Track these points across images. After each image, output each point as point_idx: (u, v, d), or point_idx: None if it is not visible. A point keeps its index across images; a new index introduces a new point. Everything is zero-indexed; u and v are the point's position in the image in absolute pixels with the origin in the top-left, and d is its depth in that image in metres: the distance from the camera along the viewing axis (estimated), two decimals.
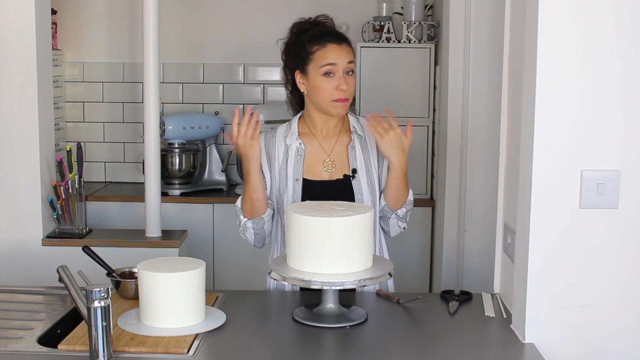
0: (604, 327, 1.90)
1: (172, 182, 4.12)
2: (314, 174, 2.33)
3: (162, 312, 1.91)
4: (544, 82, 1.83)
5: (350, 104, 2.32)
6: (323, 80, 2.27)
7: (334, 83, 2.26)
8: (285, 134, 2.37)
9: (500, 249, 2.26)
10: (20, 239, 3.20)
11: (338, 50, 2.28)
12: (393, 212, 2.33)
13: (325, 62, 2.26)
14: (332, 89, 2.26)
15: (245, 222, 2.30)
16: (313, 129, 2.36)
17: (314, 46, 2.28)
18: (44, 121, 3.23)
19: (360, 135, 2.38)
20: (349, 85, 2.27)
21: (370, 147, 2.37)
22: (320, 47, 2.28)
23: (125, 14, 4.35)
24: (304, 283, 1.93)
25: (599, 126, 1.84)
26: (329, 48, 2.27)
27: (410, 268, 3.95)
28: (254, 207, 2.27)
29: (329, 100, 2.27)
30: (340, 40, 2.30)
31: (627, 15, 1.81)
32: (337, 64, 2.26)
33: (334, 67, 2.26)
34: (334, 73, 2.26)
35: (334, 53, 2.27)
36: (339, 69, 2.26)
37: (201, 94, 4.43)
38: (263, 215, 2.29)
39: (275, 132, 2.39)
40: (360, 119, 2.42)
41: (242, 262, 3.85)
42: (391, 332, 2.01)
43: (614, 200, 1.86)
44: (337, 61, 2.26)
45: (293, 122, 2.39)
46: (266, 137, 2.38)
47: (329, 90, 2.26)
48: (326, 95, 2.27)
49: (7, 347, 1.84)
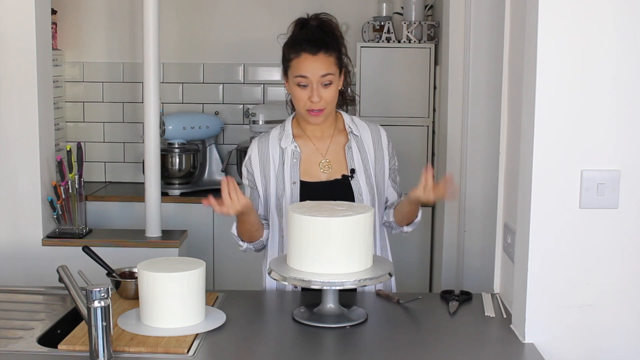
0: (604, 327, 1.90)
1: (172, 182, 4.12)
2: (311, 175, 2.33)
3: (162, 312, 1.91)
4: (544, 82, 1.83)
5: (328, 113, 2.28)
6: (297, 89, 2.24)
7: (307, 94, 2.23)
8: (279, 137, 2.35)
9: (500, 249, 2.26)
10: (20, 239, 3.20)
11: (311, 62, 2.21)
12: (400, 228, 2.37)
13: (297, 73, 2.23)
14: (305, 99, 2.24)
15: (247, 247, 2.34)
16: (307, 130, 2.36)
17: (291, 53, 2.25)
18: (44, 121, 3.23)
19: (356, 135, 2.37)
20: (322, 97, 2.22)
21: (366, 146, 2.36)
22: (296, 56, 2.23)
23: (125, 14, 4.35)
24: (304, 283, 1.93)
25: (599, 126, 1.84)
26: (302, 58, 2.22)
27: (410, 268, 3.95)
28: (252, 235, 2.30)
29: (303, 110, 2.26)
30: (316, 50, 2.22)
31: (627, 15, 1.81)
32: (309, 77, 2.21)
33: (306, 80, 2.22)
34: (306, 84, 2.23)
35: (305, 65, 2.21)
36: (312, 81, 2.22)
37: (201, 94, 4.43)
38: (262, 238, 2.32)
39: (268, 136, 2.37)
40: (355, 118, 2.41)
41: (242, 262, 3.82)
42: (391, 332, 2.01)
43: (614, 200, 1.86)
44: (308, 74, 2.21)
45: (287, 123, 2.38)
46: (260, 142, 2.37)
47: (302, 100, 2.24)
48: (300, 104, 2.26)
49: (7, 347, 1.84)
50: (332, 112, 2.33)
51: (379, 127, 2.42)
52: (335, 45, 2.27)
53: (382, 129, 2.42)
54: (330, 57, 2.24)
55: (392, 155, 2.41)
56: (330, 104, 2.27)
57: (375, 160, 2.36)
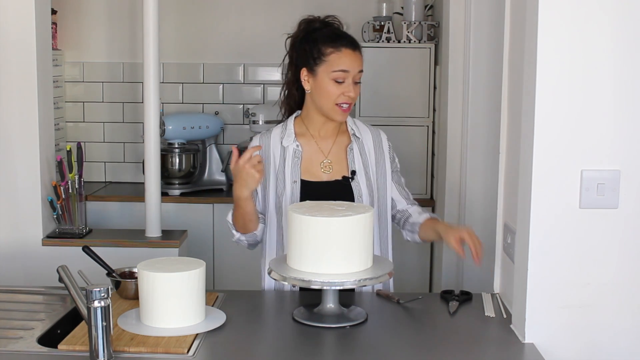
0: (604, 327, 1.90)
1: (172, 182, 4.12)
2: (312, 175, 2.33)
3: (162, 312, 1.91)
4: (544, 82, 1.83)
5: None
6: (331, 84, 2.24)
7: (342, 89, 2.24)
8: (281, 135, 2.35)
9: (500, 249, 2.26)
10: (20, 239, 3.20)
11: (352, 58, 2.25)
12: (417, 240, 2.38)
13: (338, 67, 2.23)
14: (339, 93, 2.24)
15: (239, 237, 2.33)
16: (311, 129, 2.36)
17: (328, 48, 2.25)
18: (44, 121, 3.23)
19: (358, 137, 2.37)
20: (355, 93, 2.26)
21: (367, 149, 2.37)
22: (335, 51, 2.24)
23: (125, 14, 4.35)
24: (304, 283, 1.93)
25: (599, 126, 1.84)
26: (344, 53, 2.24)
27: (410, 268, 3.95)
28: (246, 226, 2.29)
29: (333, 104, 2.26)
30: (355, 47, 2.27)
31: (627, 16, 1.81)
32: (350, 72, 2.24)
33: (346, 75, 2.24)
34: (344, 80, 2.24)
35: (348, 60, 2.24)
36: (350, 77, 2.24)
37: (201, 94, 4.43)
38: (255, 231, 2.31)
39: (270, 134, 2.37)
40: (357, 121, 2.42)
41: (242, 262, 3.83)
42: (391, 332, 2.01)
43: (614, 200, 1.86)
44: (350, 69, 2.24)
45: (289, 122, 2.38)
46: (261, 139, 2.37)
47: (335, 94, 2.24)
48: (331, 99, 2.25)
49: (7, 347, 1.84)
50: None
51: (379, 131, 2.44)
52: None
53: (382, 132, 2.43)
54: (361, 55, 2.29)
55: (392, 158, 2.41)
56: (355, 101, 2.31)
57: (376, 163, 2.36)
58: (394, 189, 2.40)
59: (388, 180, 2.38)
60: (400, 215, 2.42)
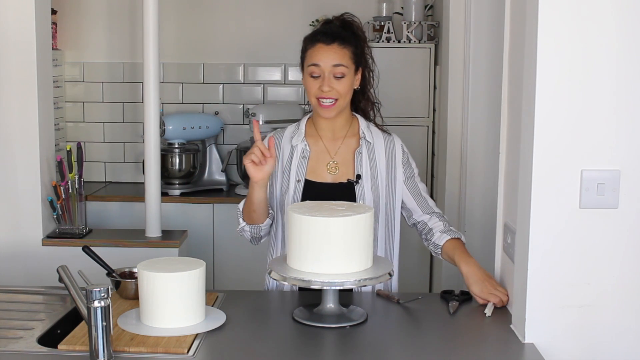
0: (604, 327, 1.90)
1: (172, 182, 4.12)
2: (317, 175, 2.32)
3: (162, 312, 1.91)
4: (544, 82, 1.83)
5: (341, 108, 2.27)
6: (308, 79, 2.26)
7: (318, 83, 2.24)
8: (292, 135, 2.36)
9: (500, 249, 2.26)
10: (20, 239, 3.20)
11: (324, 51, 2.23)
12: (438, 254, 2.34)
13: (311, 61, 2.25)
14: (316, 88, 2.24)
15: (243, 226, 2.32)
16: (319, 130, 2.36)
17: (307, 43, 2.28)
18: (44, 121, 3.23)
19: (369, 141, 2.34)
20: (333, 88, 2.23)
21: (377, 155, 2.34)
22: (310, 46, 2.26)
23: (125, 14, 4.35)
24: (304, 283, 1.93)
25: (599, 126, 1.84)
26: (316, 47, 2.24)
27: (410, 268, 3.95)
28: (252, 217, 2.28)
29: (315, 100, 2.26)
30: (331, 41, 2.24)
31: (627, 16, 1.81)
32: (321, 66, 2.23)
33: (318, 69, 2.23)
34: (319, 74, 2.23)
35: (319, 53, 2.23)
36: (324, 71, 2.23)
37: (201, 94, 4.43)
38: (261, 224, 2.30)
39: (283, 132, 2.39)
40: (371, 126, 2.38)
41: (242, 262, 3.85)
42: (391, 332, 2.01)
43: (614, 200, 1.86)
44: (321, 62, 2.23)
45: (302, 122, 2.39)
46: (276, 135, 2.38)
47: (312, 89, 2.25)
48: (311, 94, 2.26)
49: (7, 347, 1.84)
50: (346, 110, 2.32)
51: (394, 137, 2.40)
52: (352, 40, 2.28)
53: (397, 139, 2.40)
54: (345, 50, 2.25)
55: (407, 165, 2.38)
56: (343, 98, 2.26)
57: (386, 169, 2.34)
58: (408, 197, 2.37)
59: (398, 187, 2.35)
60: (420, 228, 2.39)
